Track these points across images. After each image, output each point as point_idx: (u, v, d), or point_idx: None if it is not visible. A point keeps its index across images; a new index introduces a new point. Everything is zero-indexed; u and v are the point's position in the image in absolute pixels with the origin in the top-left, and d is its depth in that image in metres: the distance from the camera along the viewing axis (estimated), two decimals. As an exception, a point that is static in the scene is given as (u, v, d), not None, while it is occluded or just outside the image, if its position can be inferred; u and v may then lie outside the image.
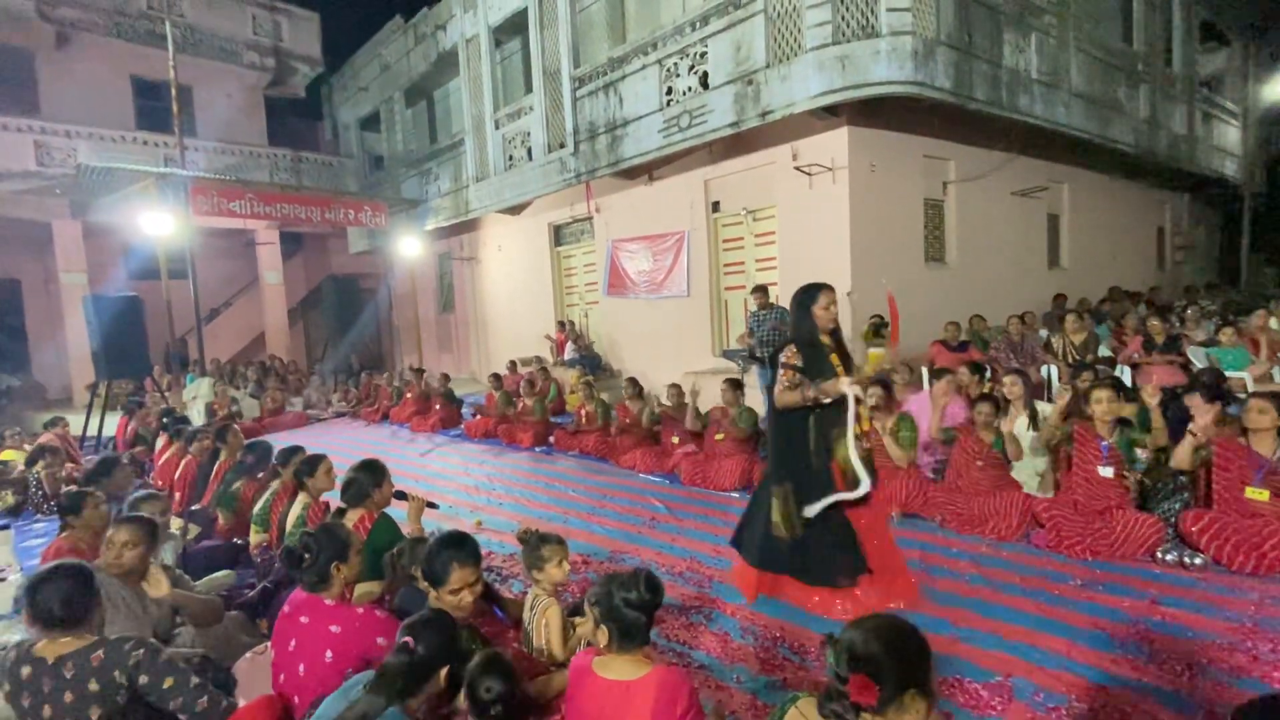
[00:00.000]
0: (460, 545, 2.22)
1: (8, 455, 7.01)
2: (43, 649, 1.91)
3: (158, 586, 2.48)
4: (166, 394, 10.24)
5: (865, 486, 2.86)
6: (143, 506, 3.17)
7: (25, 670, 1.88)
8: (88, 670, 1.86)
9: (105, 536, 2.72)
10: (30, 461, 6.23)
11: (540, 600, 2.43)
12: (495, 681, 1.75)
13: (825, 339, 3.00)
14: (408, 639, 1.75)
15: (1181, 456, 3.54)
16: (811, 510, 2.91)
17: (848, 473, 2.87)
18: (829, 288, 3.05)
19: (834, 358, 2.96)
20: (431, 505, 3.31)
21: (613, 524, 4.58)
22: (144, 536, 2.75)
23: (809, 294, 3.03)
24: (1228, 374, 5.24)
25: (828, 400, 2.85)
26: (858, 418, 2.90)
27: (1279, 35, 14.18)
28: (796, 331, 3.07)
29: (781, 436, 3.09)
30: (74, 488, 5.71)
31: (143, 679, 1.91)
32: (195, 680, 2.00)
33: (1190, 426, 3.55)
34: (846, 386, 2.78)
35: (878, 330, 6.80)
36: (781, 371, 2.96)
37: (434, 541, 2.27)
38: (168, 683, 1.94)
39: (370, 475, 3.10)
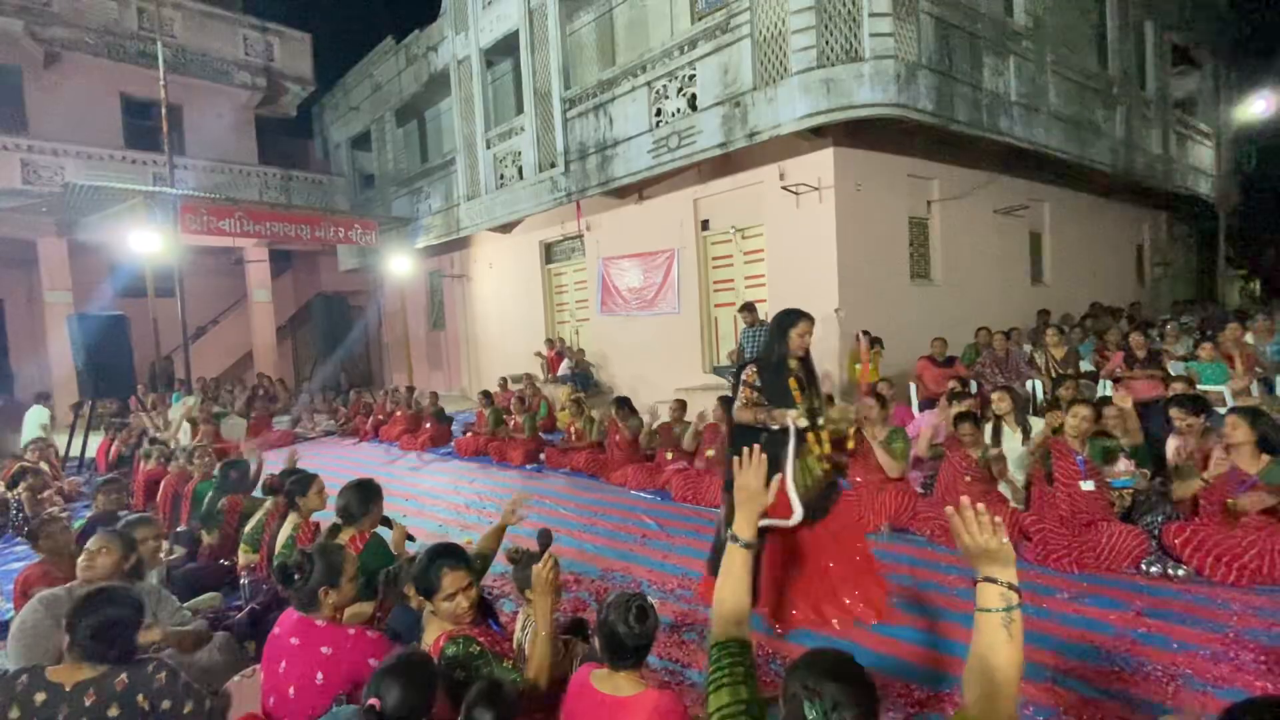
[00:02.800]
0: (448, 552, 2.20)
1: None
2: (60, 674, 1.82)
3: (148, 632, 2.44)
4: (151, 413, 10.12)
5: (797, 517, 2.86)
6: (136, 530, 3.13)
7: (40, 696, 1.79)
8: (110, 696, 1.78)
9: (84, 550, 2.68)
10: (12, 483, 6.12)
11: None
12: (487, 713, 1.70)
13: (794, 363, 3.07)
14: (373, 701, 1.62)
15: (1183, 493, 3.58)
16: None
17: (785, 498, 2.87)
18: (810, 317, 3.09)
19: (793, 382, 3.03)
20: (410, 538, 3.39)
21: (604, 541, 4.57)
22: (119, 545, 2.72)
23: (790, 318, 3.08)
24: (1207, 388, 5.35)
25: (775, 426, 2.94)
26: (805, 447, 2.97)
27: (1247, 59, 14.68)
28: (765, 352, 3.14)
29: (735, 450, 3.04)
30: (55, 509, 5.64)
31: (165, 704, 1.83)
32: (209, 704, 1.96)
33: (1204, 474, 3.52)
34: (791, 420, 2.88)
35: (873, 344, 6.90)
36: (741, 388, 3.07)
37: (423, 554, 2.25)
38: (187, 708, 1.87)
39: (364, 495, 3.10)
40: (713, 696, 1.46)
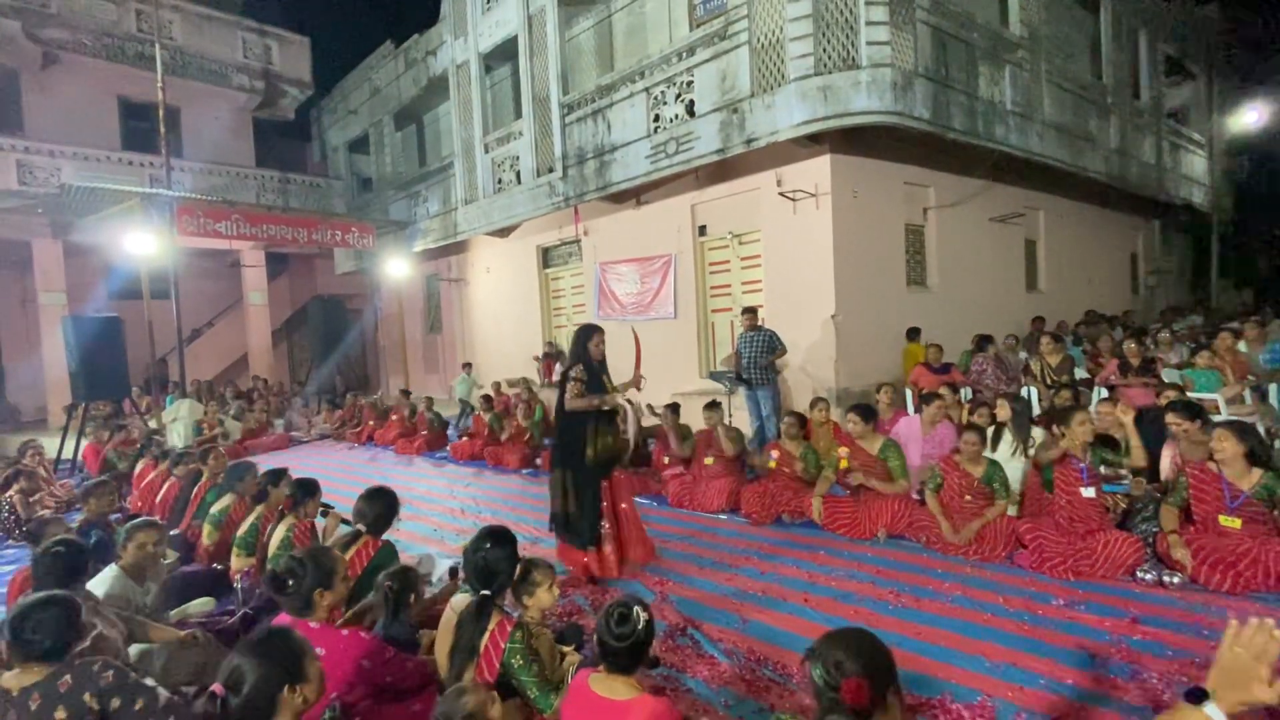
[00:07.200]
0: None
1: None
2: (8, 680, 1.84)
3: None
4: (145, 416, 10.07)
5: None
6: (138, 535, 3.11)
7: None
8: (55, 698, 1.80)
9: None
10: (3, 486, 6.08)
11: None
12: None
13: (597, 365, 4.00)
14: (216, 686, 1.53)
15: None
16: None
17: (601, 458, 3.88)
18: (602, 330, 4.00)
19: (605, 379, 3.94)
20: (345, 522, 3.54)
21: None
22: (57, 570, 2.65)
23: (588, 332, 3.95)
24: (1200, 396, 5.38)
25: (606, 408, 3.88)
26: (623, 420, 4.22)
27: (1239, 69, 14.83)
28: (581, 357, 3.93)
29: (565, 434, 4.00)
30: (48, 512, 5.60)
31: (114, 702, 1.84)
32: (164, 697, 1.95)
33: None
34: (621, 399, 3.96)
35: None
36: (572, 384, 3.86)
37: (525, 560, 2.49)
38: (139, 704, 1.88)
39: (386, 503, 3.17)
40: None
